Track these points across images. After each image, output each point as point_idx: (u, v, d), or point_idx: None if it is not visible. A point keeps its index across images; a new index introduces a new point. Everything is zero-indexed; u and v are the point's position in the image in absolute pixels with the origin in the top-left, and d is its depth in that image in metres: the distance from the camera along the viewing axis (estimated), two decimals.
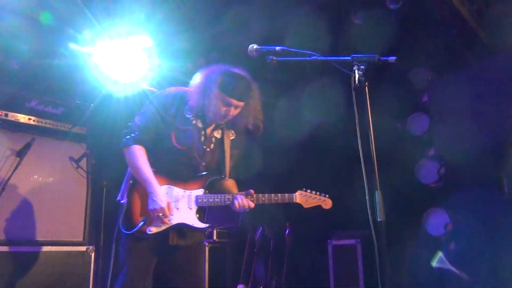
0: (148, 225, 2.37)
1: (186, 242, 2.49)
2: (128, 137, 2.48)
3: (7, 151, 3.76)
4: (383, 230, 1.95)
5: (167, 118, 2.48)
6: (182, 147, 2.47)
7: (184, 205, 2.45)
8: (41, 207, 3.88)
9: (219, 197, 2.49)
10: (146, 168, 2.41)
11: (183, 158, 2.48)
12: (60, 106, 4.17)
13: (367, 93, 2.09)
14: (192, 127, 2.51)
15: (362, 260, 3.99)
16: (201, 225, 2.48)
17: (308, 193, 2.68)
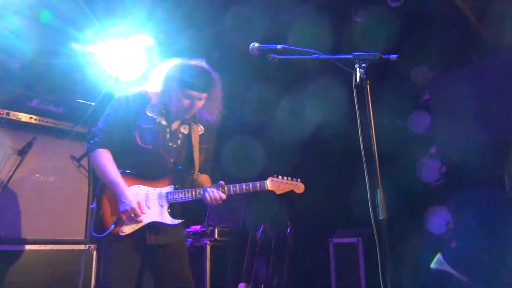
0: (120, 227, 2.36)
1: (166, 240, 2.48)
2: (92, 142, 2.47)
3: (9, 150, 3.76)
4: (385, 228, 1.95)
5: (129, 119, 2.47)
6: (147, 146, 2.46)
7: (155, 203, 2.44)
8: (43, 206, 3.88)
9: (189, 192, 2.46)
10: (112, 170, 2.40)
11: (149, 157, 2.47)
12: (61, 105, 4.16)
13: (368, 91, 2.09)
14: (156, 126, 2.49)
15: (364, 259, 3.99)
16: (174, 222, 2.46)
17: (280, 179, 2.63)
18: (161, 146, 2.49)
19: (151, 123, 2.48)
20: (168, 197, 2.46)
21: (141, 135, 2.46)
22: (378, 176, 2.00)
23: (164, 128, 2.52)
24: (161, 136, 2.50)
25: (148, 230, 2.43)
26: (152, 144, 2.46)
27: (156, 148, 2.47)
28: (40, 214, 3.86)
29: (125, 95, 2.54)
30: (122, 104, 2.50)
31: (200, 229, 4.81)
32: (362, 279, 3.96)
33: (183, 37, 4.99)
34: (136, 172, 2.46)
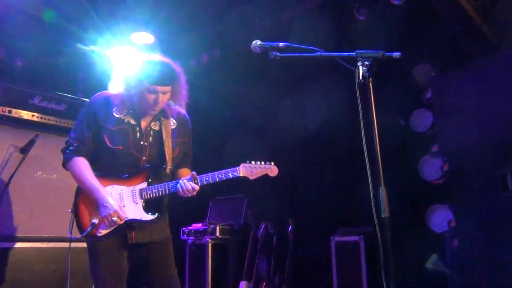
0: (97, 229, 2.39)
1: (147, 238, 2.49)
2: (67, 152, 2.52)
3: (11, 147, 3.77)
4: (387, 226, 1.95)
5: (97, 124, 2.50)
6: (117, 147, 2.48)
7: (129, 201, 2.46)
8: (45, 204, 3.88)
9: (162, 186, 2.46)
10: (89, 176, 2.44)
11: (121, 157, 2.48)
12: (63, 102, 4.16)
13: (371, 89, 2.09)
14: (124, 126, 2.51)
15: (365, 257, 3.98)
16: (149, 217, 2.46)
17: (252, 164, 2.59)
18: (132, 145, 2.50)
19: (119, 124, 2.51)
20: (142, 193, 2.46)
21: (110, 136, 2.48)
22: (380, 174, 2.00)
23: (134, 127, 2.53)
24: (131, 135, 2.51)
25: (128, 229, 2.45)
26: (121, 144, 2.48)
27: (126, 148, 2.49)
28: (42, 211, 3.86)
29: (90, 101, 2.59)
30: (89, 111, 2.54)
31: (202, 227, 4.81)
32: (363, 277, 3.96)
33: (185, 35, 4.99)
34: (109, 173, 2.49)
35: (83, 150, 2.50)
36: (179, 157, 2.64)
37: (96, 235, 2.39)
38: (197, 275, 4.69)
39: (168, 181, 2.51)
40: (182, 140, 2.67)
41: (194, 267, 4.75)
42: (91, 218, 2.39)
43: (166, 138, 2.55)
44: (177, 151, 2.62)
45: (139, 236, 2.48)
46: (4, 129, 3.81)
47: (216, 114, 5.42)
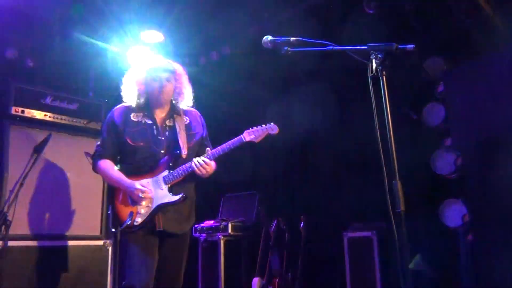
0: (134, 218, 2.69)
1: (173, 228, 2.76)
2: (93, 157, 2.91)
3: (24, 147, 3.81)
4: (403, 220, 1.93)
5: (117, 130, 2.84)
6: (139, 143, 2.80)
7: (156, 188, 2.76)
8: (59, 202, 3.93)
9: (181, 169, 2.76)
10: (115, 173, 2.81)
11: (143, 153, 2.79)
12: (75, 102, 4.20)
13: (384, 82, 2.07)
14: (142, 126, 2.85)
15: (378, 253, 3.97)
16: (176, 198, 2.75)
17: (254, 128, 2.89)
18: (151, 140, 2.81)
19: (137, 125, 2.85)
20: (165, 179, 2.77)
21: (131, 137, 2.81)
22: (395, 168, 1.98)
23: (151, 126, 2.86)
24: (149, 132, 2.83)
25: (157, 217, 2.73)
26: (142, 141, 2.80)
27: (146, 143, 2.80)
28: (56, 210, 3.91)
29: (111, 113, 2.94)
30: (109, 121, 2.90)
31: (214, 224, 4.83)
32: (377, 273, 3.95)
33: (194, 32, 5.00)
34: (136, 171, 2.79)
35: (106, 153, 2.86)
36: (195, 148, 2.92)
37: (134, 225, 2.68)
38: (209, 272, 4.71)
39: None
40: (197, 132, 2.96)
41: (207, 264, 4.77)
42: (128, 211, 2.70)
43: (180, 130, 2.85)
44: (193, 142, 2.91)
45: (167, 224, 2.73)
46: (18, 129, 3.85)
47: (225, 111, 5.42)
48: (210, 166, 2.78)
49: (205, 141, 3.00)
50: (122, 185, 2.75)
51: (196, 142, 2.93)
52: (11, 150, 3.75)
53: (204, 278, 4.77)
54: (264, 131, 2.90)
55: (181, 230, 2.84)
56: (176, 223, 2.79)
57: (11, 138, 3.78)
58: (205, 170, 2.75)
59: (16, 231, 3.55)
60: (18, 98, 3.88)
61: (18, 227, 3.58)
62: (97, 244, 4.04)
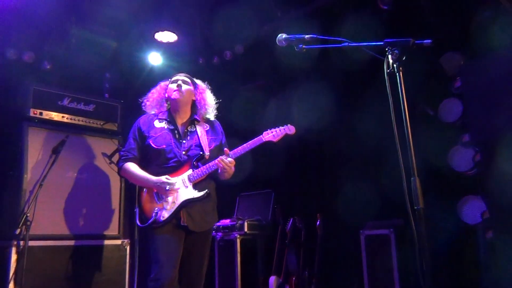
0: (160, 214, 2.83)
1: (195, 225, 2.89)
2: (119, 162, 3.08)
3: (43, 149, 3.87)
4: (422, 217, 1.91)
5: (142, 135, 3.04)
6: (161, 146, 2.97)
7: (181, 186, 2.90)
8: (77, 203, 3.98)
9: (205, 168, 2.93)
10: (140, 173, 2.96)
11: (166, 155, 2.96)
12: (92, 103, 4.25)
13: (401, 78, 2.06)
14: (165, 131, 3.04)
15: (396, 250, 3.93)
16: (200, 193, 2.90)
17: (273, 130, 3.09)
18: (173, 143, 2.99)
19: (160, 130, 3.04)
20: (189, 178, 2.92)
21: (154, 141, 2.99)
22: (413, 164, 1.96)
23: (173, 130, 3.04)
24: (171, 136, 3.01)
25: (182, 212, 2.86)
26: (164, 144, 2.97)
27: (168, 146, 2.97)
28: (75, 210, 3.96)
29: (137, 121, 3.14)
30: (135, 128, 3.10)
31: (230, 223, 4.83)
32: (395, 271, 3.90)
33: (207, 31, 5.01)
34: (161, 172, 2.93)
35: (131, 157, 3.03)
36: (215, 152, 3.05)
37: (160, 220, 2.81)
38: (226, 271, 4.72)
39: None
40: (216, 137, 3.15)
41: (223, 263, 4.78)
42: (154, 207, 2.86)
43: (201, 134, 3.05)
44: (213, 145, 3.08)
45: (190, 220, 2.87)
46: (36, 130, 3.91)
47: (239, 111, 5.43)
48: (232, 163, 2.91)
49: (224, 147, 3.13)
50: (149, 181, 2.90)
51: (216, 147, 3.09)
52: (29, 152, 3.81)
53: (221, 276, 4.78)
54: (282, 131, 3.09)
55: (204, 228, 2.97)
56: (199, 221, 2.92)
57: (29, 140, 3.84)
58: (228, 167, 2.89)
59: (35, 231, 3.61)
60: (36, 100, 3.94)
61: (37, 227, 3.64)
62: (115, 243, 4.09)
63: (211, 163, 2.92)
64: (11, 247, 3.48)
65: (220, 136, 3.19)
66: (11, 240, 3.50)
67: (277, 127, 3.10)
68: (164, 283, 2.67)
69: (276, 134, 3.07)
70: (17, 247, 3.48)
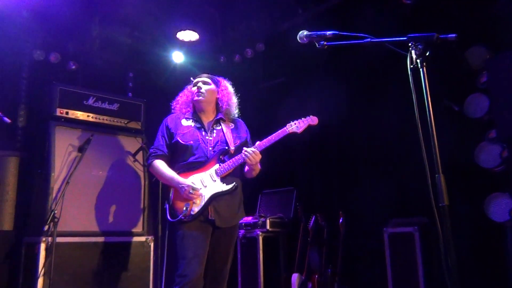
0: (190, 208, 2.90)
1: (222, 221, 2.95)
2: (148, 159, 3.16)
3: (69, 147, 3.96)
4: (447, 215, 1.88)
5: (170, 133, 3.13)
6: (188, 142, 3.06)
7: (209, 181, 2.98)
8: (102, 200, 4.05)
9: (232, 161, 3.00)
10: (168, 171, 3.03)
11: (193, 151, 3.04)
12: (116, 102, 4.32)
13: (425, 74, 2.02)
14: (192, 128, 3.13)
15: (421, 249, 3.87)
16: (229, 187, 2.98)
17: (296, 122, 3.16)
18: (200, 139, 3.07)
19: (188, 128, 3.13)
20: (217, 172, 2.99)
21: (182, 137, 3.08)
22: (438, 161, 1.93)
23: (200, 128, 3.14)
24: (198, 133, 3.10)
25: (210, 207, 2.93)
26: (192, 140, 3.06)
27: (195, 142, 3.06)
28: (100, 207, 4.03)
29: (165, 119, 3.24)
30: (163, 126, 3.20)
31: (252, 220, 4.85)
32: (419, 270, 3.84)
33: (229, 30, 5.03)
34: (188, 168, 3.02)
35: (159, 154, 3.11)
36: (240, 148, 3.09)
37: (191, 214, 2.89)
38: (249, 268, 4.74)
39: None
40: (241, 135, 3.25)
41: (246, 260, 4.80)
42: (184, 202, 2.93)
43: (226, 132, 3.15)
44: (238, 142, 3.16)
45: (218, 216, 2.93)
46: (63, 129, 4.00)
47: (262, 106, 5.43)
48: (257, 154, 2.97)
49: (249, 145, 3.20)
50: (173, 182, 2.97)
51: (241, 144, 3.16)
52: (56, 150, 3.90)
53: (243, 274, 4.80)
54: (305, 122, 3.17)
55: (231, 223, 3.02)
56: (225, 217, 2.98)
57: (56, 139, 3.93)
58: (254, 159, 2.96)
59: (63, 227, 3.69)
60: (63, 100, 4.03)
61: (64, 223, 3.72)
62: (139, 240, 4.15)
63: (237, 156, 2.99)
64: (40, 243, 3.57)
65: (245, 134, 3.27)
66: (40, 236, 3.59)
67: (300, 118, 3.17)
68: (192, 279, 2.73)
69: (300, 125, 3.14)
70: (46, 243, 3.57)
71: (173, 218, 2.92)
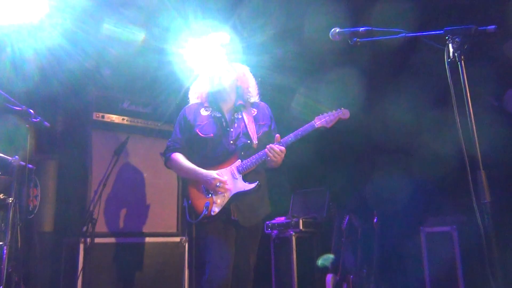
0: (211, 208, 2.73)
1: (245, 220, 2.79)
2: (166, 153, 2.98)
3: (105, 150, 4.05)
4: (489, 212, 1.83)
5: (188, 124, 2.94)
6: (208, 135, 2.86)
7: (230, 178, 2.79)
8: (137, 201, 4.13)
9: (254, 158, 2.79)
10: (188, 164, 2.85)
11: (213, 144, 2.85)
12: (149, 105, 4.40)
13: (463, 68, 1.96)
14: (212, 119, 2.93)
15: (459, 248, 3.76)
16: (251, 186, 2.78)
17: (325, 114, 2.91)
18: (221, 132, 2.87)
19: (207, 119, 2.93)
20: (239, 169, 2.79)
21: (201, 129, 2.89)
22: (478, 157, 1.88)
23: (220, 119, 2.92)
24: (218, 124, 2.90)
25: (232, 206, 2.76)
26: (212, 132, 2.87)
27: (216, 135, 2.86)
28: (136, 209, 4.11)
29: (182, 110, 3.07)
30: (181, 117, 3.02)
31: (285, 221, 4.83)
32: (459, 270, 3.74)
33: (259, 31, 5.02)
34: (209, 163, 2.83)
35: (177, 147, 2.94)
36: (264, 139, 2.92)
37: (211, 215, 2.72)
38: (283, 269, 4.72)
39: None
40: (265, 122, 3.00)
41: (280, 261, 4.78)
42: (204, 202, 2.75)
43: (248, 122, 2.91)
44: (261, 132, 2.94)
45: (240, 215, 2.77)
46: (99, 133, 4.10)
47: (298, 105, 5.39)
48: (283, 152, 2.76)
49: (273, 132, 2.98)
50: (198, 175, 2.78)
51: (265, 133, 2.95)
52: (93, 153, 4.00)
53: (277, 274, 4.78)
54: (335, 116, 2.91)
55: (254, 222, 2.88)
56: (249, 215, 2.82)
57: (93, 142, 4.03)
58: (279, 157, 2.75)
59: (100, 229, 3.79)
60: (99, 105, 4.13)
61: (102, 225, 3.81)
62: (174, 240, 4.20)
63: (261, 152, 2.78)
64: (79, 244, 3.67)
65: (269, 121, 3.03)
66: (79, 237, 3.69)
67: (329, 111, 2.92)
68: (220, 285, 2.59)
69: (329, 119, 2.88)
70: (84, 244, 3.66)
71: (193, 219, 2.75)
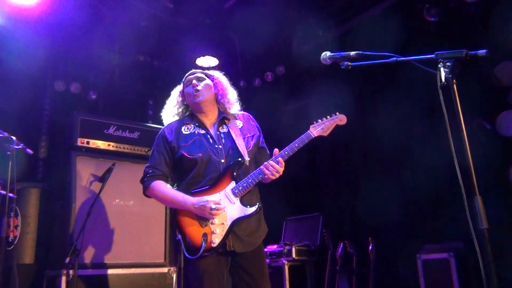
0: (210, 240, 2.44)
1: (244, 245, 2.51)
2: (144, 180, 2.65)
3: (90, 177, 3.93)
4: (487, 238, 1.74)
5: (170, 146, 2.64)
6: (197, 155, 2.56)
7: (227, 203, 2.50)
8: (124, 230, 3.99)
9: (250, 177, 2.52)
10: (172, 192, 2.56)
11: (203, 165, 2.56)
12: (136, 130, 4.31)
13: (455, 91, 1.91)
14: (197, 137, 2.64)
15: (457, 276, 3.65)
16: (252, 209, 2.51)
17: (320, 121, 2.66)
18: (209, 150, 2.59)
19: (191, 137, 2.64)
20: (234, 192, 2.52)
21: (187, 150, 2.59)
22: (474, 182, 1.80)
23: (205, 135, 2.65)
24: (205, 142, 2.62)
25: (231, 236, 2.48)
26: (200, 152, 2.58)
27: (204, 154, 2.57)
28: (122, 238, 3.97)
29: (161, 131, 2.76)
30: (160, 139, 2.71)
31: (277, 249, 4.70)
32: None
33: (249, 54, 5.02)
34: (198, 187, 2.54)
35: (158, 174, 2.62)
36: (254, 151, 2.71)
37: (212, 247, 2.44)
38: None
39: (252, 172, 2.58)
40: (253, 134, 2.76)
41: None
42: (200, 233, 2.45)
43: (236, 136, 2.66)
44: (251, 145, 2.70)
45: (237, 244, 2.50)
46: (84, 159, 3.99)
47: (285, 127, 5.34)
48: (282, 167, 2.52)
49: (262, 145, 2.78)
50: (187, 203, 2.48)
51: (254, 145, 2.72)
52: (77, 180, 3.88)
53: None
54: (332, 122, 2.66)
55: (254, 246, 2.57)
56: (247, 240, 2.54)
57: (77, 169, 3.91)
58: (278, 174, 2.51)
59: (84, 260, 3.64)
60: (83, 130, 4.03)
61: (85, 256, 3.67)
62: (161, 271, 4.05)
63: (256, 171, 2.52)
64: (61, 276, 3.51)
65: (257, 131, 2.79)
66: (61, 269, 3.53)
67: (324, 118, 2.67)
68: None
69: (326, 126, 2.63)
70: (67, 276, 3.50)
71: (192, 255, 2.44)
